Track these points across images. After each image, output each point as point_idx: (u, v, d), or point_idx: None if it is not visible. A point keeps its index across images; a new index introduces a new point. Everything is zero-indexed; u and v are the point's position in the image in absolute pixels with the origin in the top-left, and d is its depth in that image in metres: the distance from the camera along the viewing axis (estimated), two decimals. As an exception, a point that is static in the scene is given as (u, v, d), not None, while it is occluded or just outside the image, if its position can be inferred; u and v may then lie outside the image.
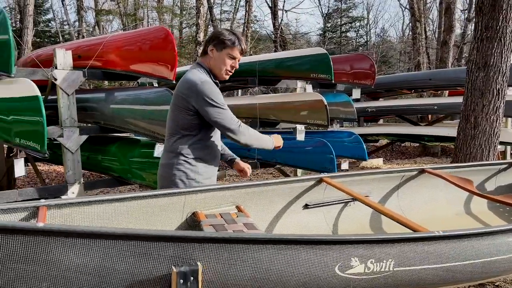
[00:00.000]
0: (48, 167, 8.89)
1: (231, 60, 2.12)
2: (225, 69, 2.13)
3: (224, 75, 2.15)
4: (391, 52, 29.88)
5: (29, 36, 8.12)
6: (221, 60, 2.10)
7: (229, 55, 2.10)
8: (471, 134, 5.36)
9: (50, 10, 23.55)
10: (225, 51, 2.09)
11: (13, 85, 3.16)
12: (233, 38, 2.10)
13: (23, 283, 1.24)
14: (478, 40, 5.29)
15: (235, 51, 2.11)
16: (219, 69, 2.12)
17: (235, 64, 2.16)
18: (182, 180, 2.05)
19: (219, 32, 2.13)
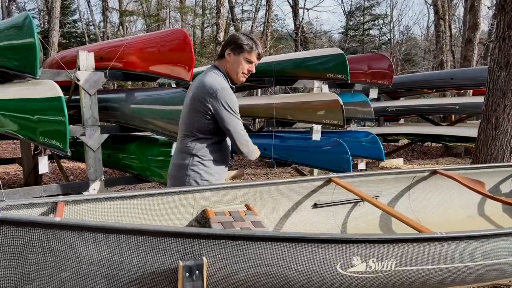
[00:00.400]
0: (73, 164, 9.20)
1: (248, 64, 2.17)
2: (242, 73, 2.18)
3: (241, 78, 2.20)
4: (415, 50, 29.32)
5: (55, 38, 8.42)
6: (238, 64, 2.15)
7: (246, 59, 2.15)
8: (492, 135, 5.27)
9: (76, 11, 24.19)
10: (243, 55, 2.14)
11: (38, 86, 3.31)
12: (250, 43, 2.14)
13: (41, 273, 1.34)
14: (500, 39, 5.19)
15: (252, 56, 2.15)
16: (236, 73, 2.17)
17: (251, 68, 2.20)
18: (196, 181, 2.12)
19: (237, 37, 2.17)
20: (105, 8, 20.49)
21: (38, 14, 24.03)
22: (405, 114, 8.58)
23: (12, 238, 1.28)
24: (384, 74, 5.74)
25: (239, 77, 2.19)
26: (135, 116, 4.17)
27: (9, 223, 1.27)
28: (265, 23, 13.52)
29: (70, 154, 3.15)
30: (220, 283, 1.46)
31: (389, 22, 29.18)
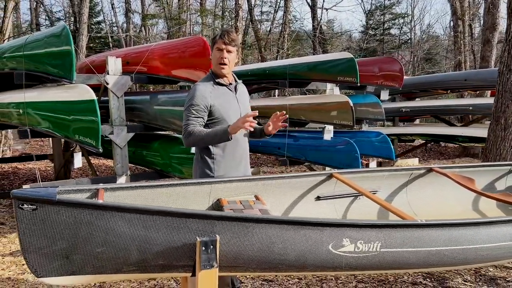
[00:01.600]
0: (98, 161, 9.70)
1: (219, 52, 2.37)
2: (218, 64, 2.38)
3: (220, 69, 2.40)
4: (437, 49, 28.94)
5: (84, 42, 8.92)
6: (213, 57, 2.41)
7: (217, 48, 2.38)
8: (501, 135, 5.42)
9: (100, 13, 24.92)
10: (214, 48, 2.40)
11: (73, 89, 3.70)
12: (217, 33, 2.40)
13: (86, 244, 1.68)
14: (509, 42, 5.34)
15: (219, 43, 2.36)
16: (215, 65, 2.41)
17: (223, 55, 2.34)
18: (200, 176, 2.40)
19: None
20: (128, 9, 21.14)
21: (64, 16, 24.88)
22: (419, 114, 8.73)
23: (66, 215, 1.62)
24: (394, 77, 5.95)
25: (218, 68, 2.39)
26: (158, 116, 4.53)
27: (64, 203, 1.61)
28: (283, 25, 13.75)
29: (101, 150, 3.52)
30: (230, 256, 1.77)
31: (409, 21, 28.89)
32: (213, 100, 2.38)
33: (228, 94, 2.47)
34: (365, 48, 24.31)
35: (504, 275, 3.47)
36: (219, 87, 2.43)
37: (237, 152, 2.47)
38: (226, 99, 2.44)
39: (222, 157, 2.42)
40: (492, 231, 2.01)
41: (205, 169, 2.42)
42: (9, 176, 7.96)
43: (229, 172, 2.45)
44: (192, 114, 2.33)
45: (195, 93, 2.35)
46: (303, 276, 3.44)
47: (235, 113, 2.44)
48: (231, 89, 2.49)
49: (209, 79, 2.45)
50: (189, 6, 14.97)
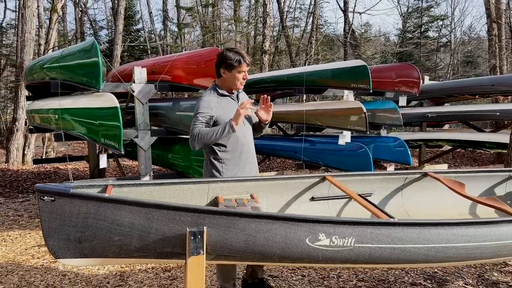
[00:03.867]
0: (132, 162, 10.27)
1: (241, 74, 2.67)
2: (239, 83, 2.69)
3: (240, 86, 2.71)
4: (478, 52, 27.92)
5: (118, 51, 9.52)
6: (234, 78, 2.67)
7: (238, 71, 2.66)
8: (523, 142, 5.37)
9: (140, 21, 26.03)
10: (235, 70, 2.65)
11: (100, 97, 4.10)
12: (237, 57, 2.63)
13: (95, 232, 1.98)
14: (530, 48, 5.30)
15: (242, 67, 2.65)
16: (234, 84, 2.70)
17: (245, 76, 2.70)
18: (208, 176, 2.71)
19: (225, 56, 2.65)
20: (166, 17, 22.01)
21: (107, 25, 26.16)
22: (445, 120, 8.61)
23: (78, 206, 1.94)
24: (412, 83, 6.00)
25: (239, 86, 2.70)
26: (179, 121, 4.87)
27: (76, 196, 1.92)
28: (311, 31, 13.90)
29: (123, 152, 3.89)
30: (217, 246, 2.02)
31: (450, 23, 28.03)
32: (218, 111, 2.66)
33: (231, 103, 2.74)
34: (400, 52, 23.89)
35: (508, 280, 3.51)
36: (223, 98, 2.72)
37: (243, 155, 2.74)
38: (230, 108, 2.70)
39: (229, 161, 2.69)
40: (463, 231, 2.15)
41: (214, 172, 2.70)
42: (50, 175, 8.63)
43: (236, 174, 2.71)
44: (198, 121, 2.61)
45: (201, 104, 2.64)
46: (306, 273, 3.64)
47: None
48: (233, 98, 2.77)
49: (213, 91, 2.73)
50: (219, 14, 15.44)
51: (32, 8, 8.98)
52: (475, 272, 3.66)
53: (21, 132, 9.64)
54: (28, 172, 8.82)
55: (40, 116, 5.34)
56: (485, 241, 2.16)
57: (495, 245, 2.18)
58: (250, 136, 2.83)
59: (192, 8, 18.42)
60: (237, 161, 2.72)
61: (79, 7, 21.64)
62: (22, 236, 4.74)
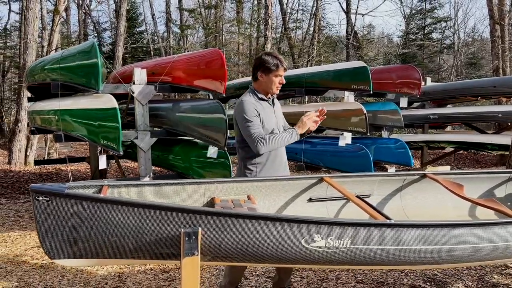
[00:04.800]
0: (133, 164, 10.28)
1: (278, 78, 2.69)
2: (275, 87, 2.71)
3: (276, 90, 2.73)
4: (482, 53, 27.81)
5: (120, 52, 9.54)
6: (271, 81, 2.68)
7: (276, 75, 2.67)
8: (525, 143, 5.34)
9: (143, 23, 26.12)
10: (273, 74, 2.66)
11: (99, 98, 4.11)
12: (275, 62, 2.65)
13: (89, 232, 1.98)
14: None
15: (280, 71, 2.67)
16: (270, 88, 2.71)
17: (282, 81, 2.72)
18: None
19: (263, 60, 2.66)
20: (168, 19, 22.05)
21: (110, 26, 26.27)
22: (447, 121, 8.58)
23: (73, 207, 1.93)
24: (412, 84, 5.97)
25: (274, 90, 2.72)
26: (179, 122, 4.87)
27: (71, 196, 1.92)
28: (313, 33, 13.88)
29: (122, 153, 3.89)
30: (211, 247, 2.01)
31: (453, 25, 27.93)
32: (261, 114, 2.68)
33: (268, 108, 2.77)
34: (403, 53, 23.84)
35: (508, 283, 3.48)
36: (261, 102, 2.73)
37: (277, 159, 2.77)
38: (267, 112, 2.73)
39: (264, 165, 2.72)
40: (460, 233, 2.13)
41: (248, 175, 2.71)
42: (52, 176, 8.65)
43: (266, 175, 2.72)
44: (253, 124, 2.60)
45: (248, 107, 2.63)
46: (305, 275, 3.62)
47: (275, 125, 2.76)
48: (270, 103, 2.80)
49: (252, 94, 2.74)
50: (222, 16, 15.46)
51: (35, 10, 9.02)
52: (475, 274, 3.63)
53: (23, 133, 9.68)
54: (30, 173, 8.85)
55: (41, 117, 5.36)
56: (483, 243, 2.14)
57: (493, 247, 2.16)
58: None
59: (194, 10, 18.46)
60: (271, 165, 2.74)
61: (83, 9, 21.74)
62: (22, 237, 4.75)
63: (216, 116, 4.21)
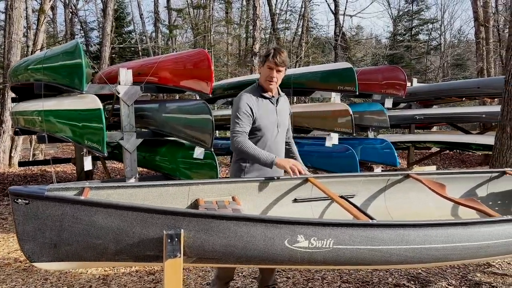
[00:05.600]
0: (120, 165, 10.19)
1: (270, 70, 2.61)
2: (267, 80, 2.63)
3: (268, 85, 2.64)
4: (468, 55, 28.22)
5: (107, 52, 9.45)
6: (264, 73, 2.64)
7: (268, 66, 2.61)
8: (508, 144, 5.44)
9: (131, 23, 25.93)
10: (265, 65, 2.62)
11: (83, 99, 4.06)
12: (270, 51, 2.62)
13: (70, 235, 1.95)
14: (514, 51, 5.37)
15: (271, 63, 2.59)
16: (264, 81, 2.65)
17: (272, 74, 2.60)
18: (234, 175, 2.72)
19: (265, 51, 2.66)
20: (157, 19, 21.92)
21: (98, 26, 26.02)
22: (433, 122, 8.69)
23: (53, 209, 1.90)
24: (398, 85, 6.03)
25: (267, 84, 2.64)
26: (165, 123, 4.84)
27: (51, 199, 1.89)
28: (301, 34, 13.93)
29: (106, 154, 3.85)
30: (196, 248, 2.00)
31: (439, 26, 28.29)
32: (256, 110, 2.64)
33: (270, 106, 2.71)
34: (391, 54, 24.08)
35: (491, 281, 3.53)
36: (263, 100, 2.68)
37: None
38: (267, 110, 2.68)
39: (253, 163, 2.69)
40: (442, 232, 2.15)
41: (238, 171, 2.73)
42: (37, 178, 8.53)
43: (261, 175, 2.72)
44: (239, 122, 2.59)
45: (242, 102, 2.61)
46: (291, 275, 3.63)
47: (273, 124, 2.71)
48: (273, 102, 2.73)
49: (255, 90, 2.70)
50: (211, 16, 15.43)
51: (19, 10, 8.88)
52: (459, 273, 3.68)
53: (8, 134, 9.52)
54: (14, 175, 8.71)
55: (24, 118, 5.28)
56: (464, 242, 2.17)
57: (475, 246, 2.19)
58: (281, 140, 2.82)
59: (182, 9, 18.38)
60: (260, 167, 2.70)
61: (69, 8, 21.49)
62: (5, 240, 4.67)
63: (202, 117, 4.19)
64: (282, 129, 2.79)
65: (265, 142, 2.69)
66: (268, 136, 2.69)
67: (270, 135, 2.70)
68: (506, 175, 3.35)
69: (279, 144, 2.78)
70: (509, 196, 3.38)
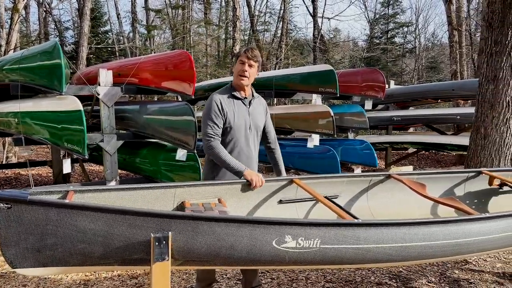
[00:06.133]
0: (98, 167, 10.00)
1: (242, 65, 2.61)
2: (238, 76, 2.63)
3: (239, 81, 2.63)
4: (441, 58, 29.01)
5: (84, 53, 9.26)
6: (235, 69, 2.66)
7: (240, 61, 2.63)
8: (481, 144, 5.61)
9: (107, 22, 25.47)
10: (238, 61, 2.65)
11: (63, 100, 3.97)
12: (242, 48, 2.66)
13: (55, 239, 1.91)
14: (487, 54, 5.55)
15: (242, 57, 2.61)
16: (235, 77, 2.65)
17: (244, 67, 2.58)
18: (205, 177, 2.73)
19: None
20: (134, 19, 21.63)
21: (73, 26, 25.45)
22: (410, 123, 8.91)
23: (37, 213, 1.86)
24: (377, 87, 6.16)
25: (238, 80, 2.63)
26: (147, 125, 4.79)
27: (35, 203, 1.85)
28: (281, 35, 14.02)
29: (87, 157, 3.78)
30: (184, 251, 1.99)
31: (414, 30, 28.96)
32: (229, 112, 2.64)
33: (241, 107, 2.70)
34: (368, 57, 24.50)
35: (468, 277, 3.64)
36: (234, 100, 2.68)
37: (242, 157, 2.71)
38: (238, 111, 2.67)
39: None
40: (424, 230, 2.22)
41: (210, 172, 2.74)
42: (11, 181, 8.27)
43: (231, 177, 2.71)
44: (211, 123, 2.60)
45: (213, 102, 2.62)
46: (275, 276, 3.65)
47: (244, 126, 2.69)
48: (245, 103, 2.72)
49: (227, 91, 2.70)
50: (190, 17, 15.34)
51: (-9, 8, 8.60)
52: (438, 270, 3.78)
53: (-20, 136, 9.20)
54: (-13, 178, 8.43)
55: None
56: (446, 239, 2.24)
57: (455, 243, 2.26)
58: (255, 144, 2.80)
59: (161, 10, 18.21)
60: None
61: (43, 7, 20.96)
62: (-21, 246, 4.51)
63: (185, 118, 4.17)
64: (255, 132, 2.77)
65: (236, 144, 2.69)
66: (238, 137, 2.68)
67: (241, 137, 2.69)
68: (482, 174, 3.46)
69: (251, 147, 2.76)
70: (484, 195, 3.50)
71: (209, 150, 2.61)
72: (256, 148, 2.83)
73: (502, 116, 5.43)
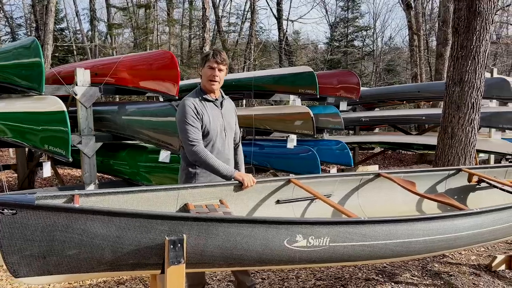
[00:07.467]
0: (63, 170, 9.58)
1: (211, 70, 2.59)
2: (208, 81, 2.60)
3: (210, 85, 2.62)
4: (398, 61, 30.22)
5: (49, 51, 8.85)
6: (204, 73, 2.62)
7: (208, 66, 2.59)
8: (449, 143, 5.90)
9: (64, 20, 24.44)
10: (206, 65, 2.60)
11: (43, 101, 3.79)
12: (209, 52, 2.63)
13: (63, 246, 1.83)
14: (454, 58, 5.85)
15: (211, 62, 2.58)
16: (205, 82, 2.63)
17: (214, 73, 2.58)
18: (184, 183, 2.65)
19: (203, 54, 2.67)
20: (93, 17, 20.90)
21: (25, 23, 24.21)
22: (377, 124, 9.23)
23: (45, 218, 1.77)
24: (352, 89, 6.35)
25: (209, 85, 2.61)
26: (126, 126, 4.66)
27: (43, 208, 1.76)
28: (249, 37, 14.09)
29: (71, 160, 3.63)
30: (197, 253, 1.97)
31: (372, 34, 29.96)
32: (202, 114, 2.60)
33: (214, 109, 2.67)
34: (330, 59, 25.07)
35: (448, 270, 3.84)
36: (206, 103, 2.64)
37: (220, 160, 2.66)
38: (212, 113, 2.64)
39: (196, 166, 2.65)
40: (426, 226, 2.32)
41: (188, 177, 2.67)
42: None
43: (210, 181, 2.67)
44: (190, 129, 2.53)
45: (186, 108, 2.56)
46: (265, 276, 3.67)
47: (220, 128, 2.67)
48: (217, 104, 2.70)
49: (197, 94, 2.65)
50: (156, 16, 15.06)
51: None
52: (419, 265, 3.95)
53: None
54: None
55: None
56: (446, 233, 2.35)
57: (454, 237, 2.38)
58: (230, 145, 2.80)
59: (126, 8, 17.72)
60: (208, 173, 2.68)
61: (-6, 2, 19.79)
62: None
63: (170, 120, 4.10)
64: (230, 133, 2.79)
65: (214, 146, 2.68)
66: (215, 140, 2.68)
67: (218, 139, 2.69)
68: (461, 172, 3.66)
69: (228, 149, 2.78)
70: (464, 191, 3.71)
71: (194, 155, 2.54)
72: (231, 149, 2.84)
73: (467, 117, 5.74)
